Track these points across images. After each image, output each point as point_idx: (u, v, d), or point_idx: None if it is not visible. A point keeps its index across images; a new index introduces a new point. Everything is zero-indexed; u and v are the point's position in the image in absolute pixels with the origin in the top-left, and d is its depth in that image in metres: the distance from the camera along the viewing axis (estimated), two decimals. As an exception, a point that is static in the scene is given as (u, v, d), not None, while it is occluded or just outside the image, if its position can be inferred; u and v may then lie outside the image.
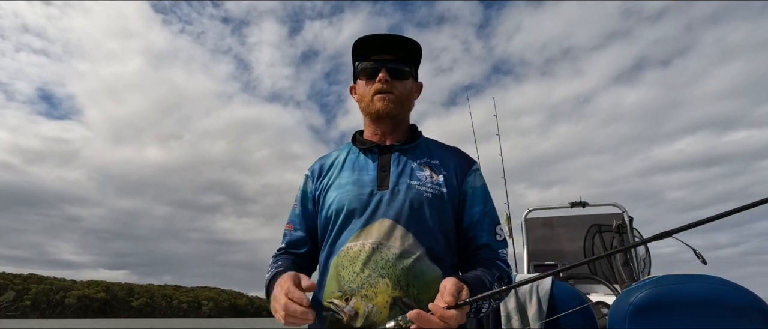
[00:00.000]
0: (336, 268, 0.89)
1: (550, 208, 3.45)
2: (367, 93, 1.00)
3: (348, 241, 0.90)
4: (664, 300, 0.97)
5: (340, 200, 0.94)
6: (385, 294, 0.83)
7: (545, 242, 3.36)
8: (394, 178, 0.95)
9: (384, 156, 0.99)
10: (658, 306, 0.97)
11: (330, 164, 1.05)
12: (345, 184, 0.97)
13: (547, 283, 1.41)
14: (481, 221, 0.95)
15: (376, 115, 0.99)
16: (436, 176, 0.96)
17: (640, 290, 1.00)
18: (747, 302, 0.93)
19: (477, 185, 0.99)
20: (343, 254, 0.89)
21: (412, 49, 1.01)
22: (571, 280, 2.46)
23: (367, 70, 1.00)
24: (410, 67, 1.03)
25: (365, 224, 0.90)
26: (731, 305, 0.93)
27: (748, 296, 0.94)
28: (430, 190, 0.93)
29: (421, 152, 1.01)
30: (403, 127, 1.05)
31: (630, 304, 0.99)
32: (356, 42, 1.01)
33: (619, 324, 1.00)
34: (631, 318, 0.98)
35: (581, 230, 3.14)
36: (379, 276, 0.84)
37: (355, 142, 1.07)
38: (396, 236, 0.88)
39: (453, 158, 1.02)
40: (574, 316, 1.27)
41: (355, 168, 0.99)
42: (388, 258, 0.86)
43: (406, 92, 1.01)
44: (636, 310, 0.98)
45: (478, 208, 0.96)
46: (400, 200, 0.91)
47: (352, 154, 1.04)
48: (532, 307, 1.37)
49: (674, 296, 0.97)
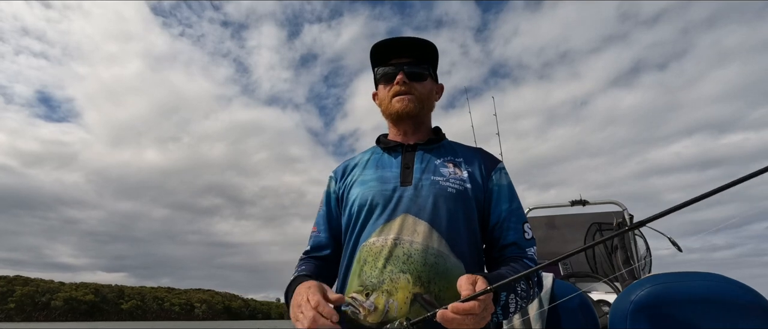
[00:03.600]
0: (359, 263, 0.90)
1: (551, 207, 3.48)
2: (387, 96, 1.03)
3: (371, 236, 0.91)
4: (665, 297, 0.98)
5: (363, 195, 0.95)
6: (406, 289, 0.84)
7: (546, 240, 3.40)
8: (418, 174, 0.96)
9: (407, 154, 1.01)
10: (660, 304, 0.98)
11: (354, 165, 1.07)
12: (368, 181, 0.99)
13: (548, 282, 1.42)
14: (508, 219, 0.95)
15: (396, 116, 1.02)
16: (461, 171, 0.97)
17: (641, 288, 1.01)
18: (749, 299, 0.94)
19: (503, 183, 1.00)
20: (366, 249, 0.90)
21: (429, 51, 1.03)
22: (573, 278, 2.48)
23: (386, 75, 1.03)
24: (428, 69, 1.04)
25: (388, 220, 0.91)
26: (733, 302, 0.94)
27: (750, 293, 0.95)
28: (455, 186, 0.94)
29: (444, 151, 1.03)
30: (425, 128, 1.07)
31: (631, 302, 1.00)
32: (373, 48, 1.03)
33: (620, 322, 1.01)
34: (632, 316, 0.99)
35: (582, 229, 3.17)
36: (400, 271, 0.85)
37: (378, 143, 1.10)
38: (419, 231, 0.88)
39: (477, 157, 1.03)
40: (576, 314, 1.28)
41: (379, 166, 1.01)
42: (411, 254, 0.86)
43: (425, 92, 1.03)
44: (637, 308, 0.98)
45: (505, 206, 0.97)
46: (423, 196, 0.92)
47: (376, 154, 1.06)
48: (533, 306, 1.39)
49: (675, 294, 0.98)
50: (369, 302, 0.84)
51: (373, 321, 0.83)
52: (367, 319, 0.83)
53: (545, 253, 3.31)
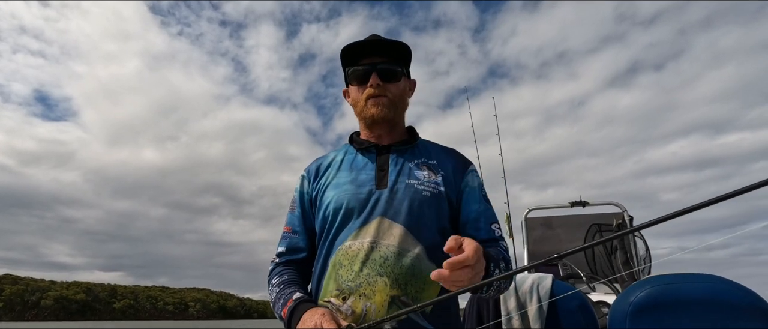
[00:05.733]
0: (334, 267, 0.90)
1: (551, 207, 3.49)
2: (361, 98, 1.02)
3: (347, 240, 0.91)
4: (664, 299, 0.99)
5: (338, 199, 0.95)
6: (383, 292, 0.85)
7: (545, 242, 3.41)
8: (393, 177, 0.96)
9: (382, 156, 1.01)
10: (659, 305, 0.99)
11: (327, 165, 1.06)
12: (343, 183, 0.98)
13: (547, 282, 1.44)
14: (477, 219, 0.97)
15: (371, 120, 1.01)
16: (435, 175, 0.98)
17: (641, 289, 1.02)
18: (748, 301, 0.95)
19: (474, 184, 1.02)
20: (342, 253, 0.90)
21: (401, 49, 1.03)
22: (572, 279, 2.50)
23: (358, 74, 1.01)
24: (401, 67, 1.04)
25: (364, 223, 0.91)
26: (732, 304, 0.96)
27: (749, 295, 0.96)
28: (429, 189, 0.95)
29: (418, 153, 1.03)
30: (399, 129, 1.07)
31: (630, 303, 1.01)
32: (344, 49, 1.02)
33: (619, 323, 1.02)
34: (631, 317, 1.00)
35: (581, 230, 3.18)
36: (377, 274, 0.86)
37: (352, 142, 1.09)
38: (394, 234, 0.89)
39: (450, 159, 1.04)
40: (575, 315, 1.30)
41: (353, 168, 1.01)
42: (387, 257, 0.87)
43: (399, 93, 1.03)
44: (636, 309, 0.99)
45: (475, 206, 0.98)
46: (398, 199, 0.93)
47: (350, 154, 1.06)
48: (533, 306, 1.40)
49: (675, 295, 0.99)
50: (346, 306, 0.85)
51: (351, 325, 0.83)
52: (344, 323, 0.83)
53: (544, 253, 3.33)
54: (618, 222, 2.92)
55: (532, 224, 3.49)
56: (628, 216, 3.07)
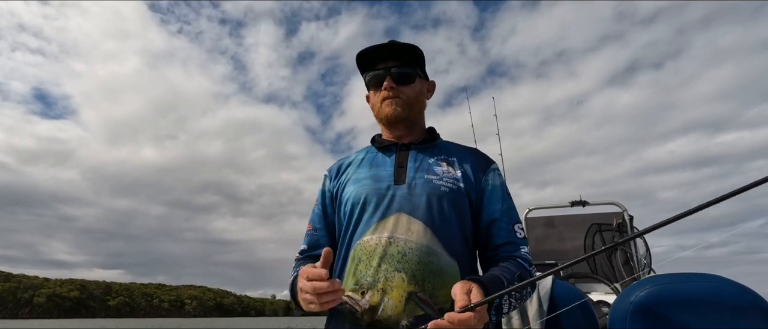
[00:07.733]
0: (353, 262, 0.92)
1: (551, 207, 3.50)
2: (377, 101, 1.06)
3: (365, 235, 0.92)
4: (664, 298, 1.00)
5: (356, 194, 0.97)
6: (401, 288, 0.85)
7: (546, 241, 3.42)
8: (412, 173, 0.98)
9: (401, 153, 1.04)
10: (659, 304, 1.00)
11: (349, 163, 1.10)
12: (362, 179, 1.01)
13: (547, 282, 1.45)
14: (500, 219, 0.97)
15: (386, 120, 1.05)
16: (454, 170, 0.99)
17: (641, 288, 1.02)
18: (748, 300, 0.96)
19: (496, 183, 1.02)
20: (360, 248, 0.92)
21: (413, 52, 1.05)
22: (572, 279, 2.52)
23: (374, 79, 1.06)
24: (415, 69, 1.06)
25: (382, 218, 0.92)
26: (732, 303, 0.96)
27: (749, 294, 0.97)
28: (448, 184, 0.96)
29: (438, 151, 1.05)
30: (418, 128, 1.09)
31: (630, 303, 1.01)
32: (358, 56, 1.06)
33: (619, 322, 1.03)
34: (631, 316, 1.00)
35: (582, 230, 3.20)
36: (395, 270, 0.87)
37: (373, 143, 1.12)
38: (413, 230, 0.90)
39: (471, 157, 1.05)
40: (575, 315, 1.31)
41: (373, 165, 1.04)
42: (405, 252, 0.88)
43: (414, 94, 1.05)
44: (636, 309, 1.00)
45: (498, 206, 0.98)
46: (417, 195, 0.94)
47: (371, 153, 1.09)
48: (533, 306, 1.41)
49: (675, 294, 0.99)
50: (364, 300, 0.86)
51: (369, 320, 0.85)
52: (363, 318, 0.85)
53: (544, 252, 3.35)
54: (618, 222, 2.94)
55: (533, 223, 3.50)
56: (628, 216, 3.08)
